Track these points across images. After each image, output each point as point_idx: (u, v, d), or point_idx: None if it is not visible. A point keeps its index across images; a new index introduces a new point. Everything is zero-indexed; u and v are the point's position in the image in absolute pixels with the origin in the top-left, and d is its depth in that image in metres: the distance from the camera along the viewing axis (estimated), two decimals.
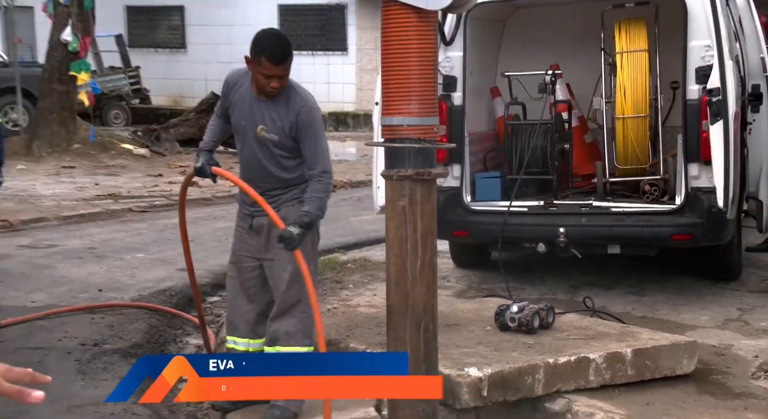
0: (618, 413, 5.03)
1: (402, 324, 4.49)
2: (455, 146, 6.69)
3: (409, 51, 4.44)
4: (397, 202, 4.51)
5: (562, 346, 5.54)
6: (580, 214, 7.30)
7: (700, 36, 6.84)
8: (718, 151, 6.60)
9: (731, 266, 7.75)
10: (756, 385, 5.51)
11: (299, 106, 4.96)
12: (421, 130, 4.45)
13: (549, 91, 7.73)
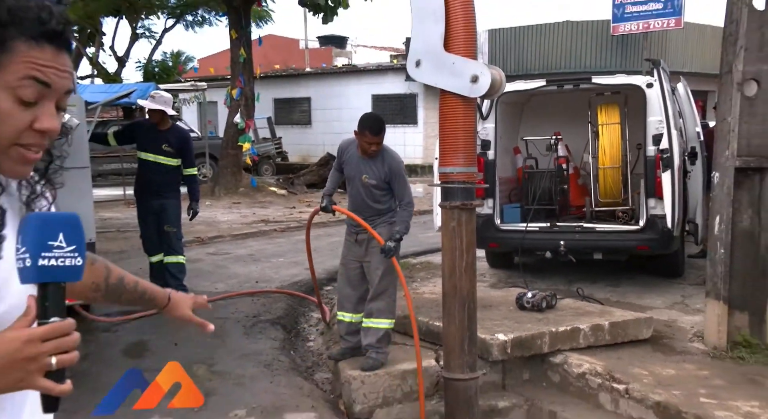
0: (598, 364, 5.04)
1: (452, 305, 4.46)
2: (489, 186, 6.84)
3: (457, 123, 4.45)
4: (449, 224, 4.52)
5: (561, 320, 5.54)
6: (574, 232, 7.22)
7: (654, 114, 6.80)
8: (667, 190, 6.61)
9: (677, 267, 7.69)
10: (692, 346, 5.51)
11: (389, 161, 5.06)
12: (465, 175, 4.47)
13: (553, 149, 7.72)
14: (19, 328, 1.02)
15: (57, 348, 1.01)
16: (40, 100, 1.11)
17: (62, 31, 1.12)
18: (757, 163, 5.28)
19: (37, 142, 1.13)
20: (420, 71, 4.40)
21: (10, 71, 1.08)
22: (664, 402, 4.39)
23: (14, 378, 1.00)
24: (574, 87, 7.36)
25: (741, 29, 5.25)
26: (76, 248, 1.04)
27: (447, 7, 4.30)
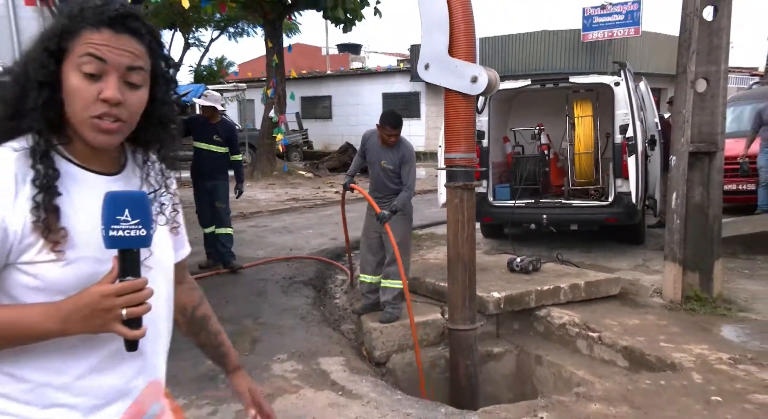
0: (576, 316, 5.02)
1: (456, 268, 4.45)
2: (484, 169, 6.76)
3: (459, 116, 4.38)
4: (453, 200, 4.48)
5: (545, 280, 5.47)
6: (555, 207, 7.13)
7: (621, 108, 6.67)
8: (632, 171, 6.52)
9: (639, 236, 7.59)
10: (653, 301, 5.46)
11: (404, 150, 5.05)
12: (466, 160, 4.42)
13: (537, 138, 7.61)
14: (102, 284, 1.06)
15: (127, 302, 1.05)
16: (102, 74, 1.12)
17: (118, 18, 1.13)
18: (706, 148, 5.21)
19: (106, 111, 1.12)
20: (429, 73, 4.35)
21: (76, 53, 1.11)
22: (630, 346, 4.39)
23: (97, 323, 1.06)
24: (554, 85, 7.25)
25: (693, 37, 5.15)
26: (139, 221, 1.07)
27: (451, 20, 4.26)
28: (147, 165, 1.32)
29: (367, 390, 3.80)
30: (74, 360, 1.16)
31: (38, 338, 1.09)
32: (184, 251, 1.46)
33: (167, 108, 1.29)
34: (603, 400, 3.58)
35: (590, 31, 20.12)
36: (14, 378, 1.13)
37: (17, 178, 1.11)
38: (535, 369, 4.83)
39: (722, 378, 3.78)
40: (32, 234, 1.10)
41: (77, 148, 1.20)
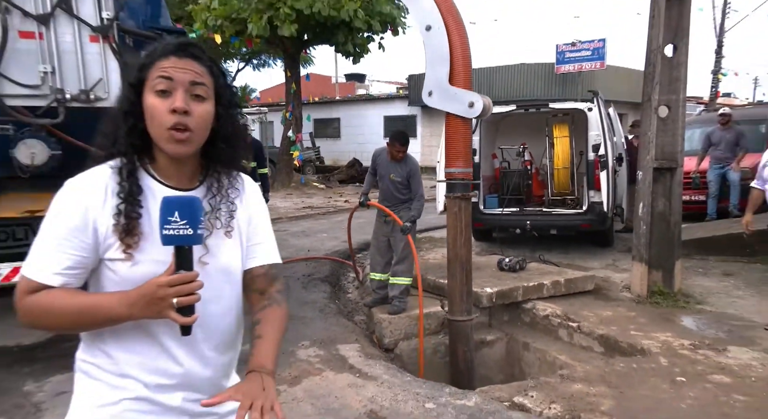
0: (557, 308, 4.99)
1: (455, 267, 4.46)
2: (477, 182, 6.63)
3: (458, 136, 4.36)
4: (452, 209, 4.47)
5: (530, 278, 5.44)
6: (537, 215, 7.11)
7: (593, 129, 6.68)
8: (604, 184, 6.51)
9: (609, 239, 7.51)
10: (622, 295, 5.40)
11: (410, 165, 5.02)
12: (464, 174, 4.40)
13: (521, 155, 7.60)
14: (159, 277, 1.11)
15: (178, 292, 1.09)
16: (171, 90, 1.18)
17: (181, 46, 1.22)
18: (668, 165, 5.21)
19: (177, 121, 1.17)
20: (432, 99, 4.36)
21: (150, 79, 1.19)
22: (605, 334, 4.37)
23: (154, 310, 1.11)
24: (537, 110, 7.26)
25: (657, 70, 5.17)
26: (187, 222, 1.10)
27: (451, 54, 4.29)
28: (212, 177, 1.34)
29: (381, 372, 3.78)
30: (148, 344, 1.23)
31: (112, 320, 1.15)
32: (255, 260, 1.37)
33: (231, 126, 1.32)
34: (584, 381, 3.56)
35: (562, 64, 20.22)
36: (104, 353, 1.23)
37: (107, 190, 1.20)
38: (522, 354, 4.81)
39: (685, 361, 3.77)
40: (112, 237, 1.18)
41: (160, 165, 1.27)
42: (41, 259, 1.16)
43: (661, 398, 3.27)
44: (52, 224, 1.17)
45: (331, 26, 14.21)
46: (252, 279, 1.37)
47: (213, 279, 1.26)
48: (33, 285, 1.15)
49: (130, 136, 1.21)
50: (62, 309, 1.14)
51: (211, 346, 1.30)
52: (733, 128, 8.53)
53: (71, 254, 1.16)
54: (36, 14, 3.75)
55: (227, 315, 1.33)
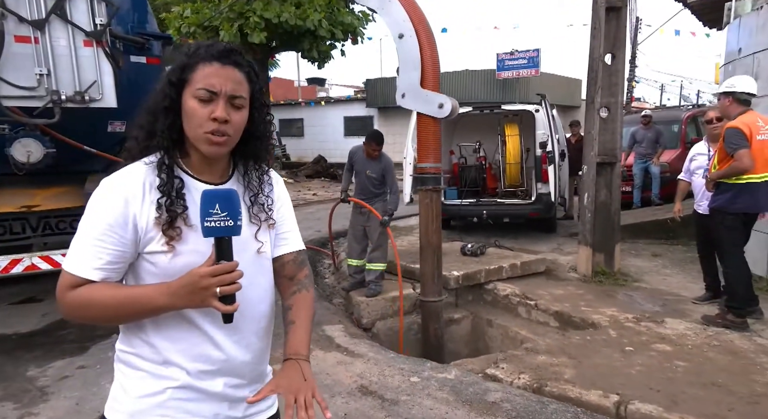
0: (516, 288, 5.07)
1: (427, 252, 4.49)
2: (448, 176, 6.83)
3: (428, 134, 4.34)
4: (424, 200, 4.47)
5: (490, 261, 5.49)
6: (491, 205, 7.13)
7: (540, 128, 6.77)
8: (551, 177, 6.64)
9: (553, 226, 7.63)
10: (569, 275, 5.51)
11: (385, 163, 4.92)
12: (435, 169, 4.37)
13: (477, 151, 7.64)
14: (202, 267, 1.04)
15: (221, 281, 1.03)
16: (212, 99, 1.11)
17: (224, 52, 1.14)
18: (608, 159, 5.35)
19: (216, 128, 1.11)
20: (405, 101, 4.32)
21: (193, 84, 1.12)
22: (560, 311, 4.46)
23: (198, 299, 1.05)
24: (490, 111, 7.31)
25: (599, 76, 5.28)
26: (228, 214, 1.04)
27: (422, 60, 4.24)
28: (248, 173, 1.28)
29: (366, 350, 3.74)
30: (189, 331, 1.16)
31: (154, 310, 1.09)
32: (284, 247, 1.33)
33: (263, 126, 1.26)
34: (546, 353, 3.63)
35: (503, 71, 20.52)
36: (146, 343, 1.16)
37: (145, 185, 1.12)
38: (486, 330, 4.86)
39: (631, 333, 3.89)
40: (153, 230, 1.11)
41: (193, 161, 1.20)
42: (81, 255, 1.09)
43: (614, 366, 3.36)
44: (92, 220, 1.09)
45: (298, 34, 13.94)
46: (282, 266, 1.33)
47: (253, 268, 1.22)
48: (74, 281, 1.08)
49: (170, 130, 1.15)
50: (104, 302, 1.08)
51: (251, 332, 1.24)
52: (653, 128, 8.87)
53: (111, 249, 1.09)
54: (31, 20, 3.55)
55: (264, 301, 1.27)
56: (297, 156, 24.91)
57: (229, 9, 12.77)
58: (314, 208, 10.93)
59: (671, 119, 10.32)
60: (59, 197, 4.07)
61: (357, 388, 3.14)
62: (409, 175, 6.43)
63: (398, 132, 22.27)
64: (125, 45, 4.17)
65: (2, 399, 2.98)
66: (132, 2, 4.39)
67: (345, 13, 14.33)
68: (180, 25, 13.50)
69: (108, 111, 3.89)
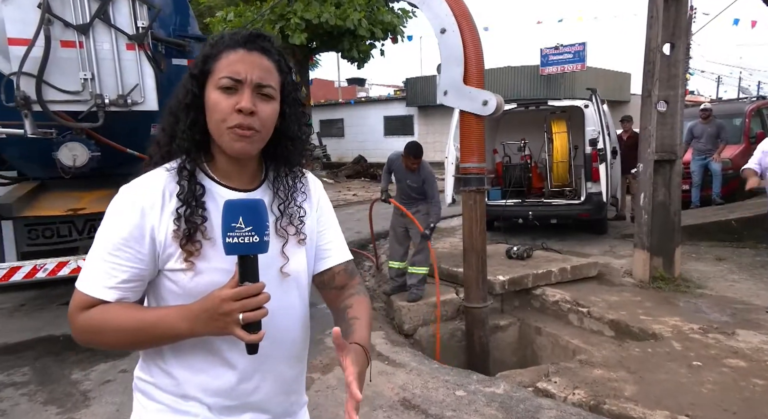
0: (566, 294, 4.79)
1: (471, 256, 4.31)
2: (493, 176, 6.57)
3: (472, 133, 4.15)
4: (468, 202, 4.30)
5: (538, 265, 5.24)
6: (537, 205, 6.85)
7: (590, 125, 6.43)
8: (603, 176, 6.30)
9: (603, 227, 7.27)
10: (624, 280, 5.17)
11: (425, 174, 4.73)
12: (478, 169, 4.17)
13: (522, 150, 7.35)
14: (223, 289, 0.89)
15: (243, 307, 0.88)
16: (238, 88, 0.97)
17: (250, 38, 1.01)
18: (667, 157, 4.99)
19: (241, 122, 0.97)
20: (447, 98, 4.14)
21: (216, 73, 0.98)
22: (615, 319, 4.17)
23: (217, 326, 0.90)
24: (536, 107, 7.02)
25: (656, 67, 4.93)
26: (252, 228, 0.89)
27: (465, 55, 4.06)
28: (278, 179, 1.12)
29: (408, 359, 3.58)
30: (212, 361, 1.02)
31: (173, 337, 0.96)
32: (331, 259, 1.18)
33: (296, 125, 1.11)
34: (603, 366, 3.37)
35: (546, 67, 19.94)
36: (164, 372, 1.04)
37: (164, 194, 1.00)
38: (535, 338, 4.61)
39: (698, 345, 3.57)
40: (172, 245, 0.98)
41: (219, 165, 1.05)
42: (94, 273, 0.96)
43: (681, 382, 3.07)
44: (106, 234, 0.97)
45: (338, 34, 13.93)
46: (332, 277, 1.18)
47: (282, 288, 1.06)
48: (87, 301, 0.96)
49: (192, 130, 1.01)
50: (118, 327, 0.95)
51: (280, 360, 1.09)
52: (713, 122, 8.30)
53: (126, 266, 0.96)
54: (76, 24, 3.58)
55: (296, 326, 1.12)
56: (337, 156, 25.06)
57: (271, 11, 12.88)
58: (354, 209, 10.86)
59: (733, 112, 9.64)
60: (104, 200, 4.10)
61: (399, 401, 2.98)
62: (451, 175, 6.21)
63: (438, 131, 22.08)
64: (167, 48, 4.17)
65: (47, 402, 2.99)
66: (174, 5, 4.40)
67: (385, 11, 14.22)
68: (224, 29, 13.71)
69: (150, 114, 3.89)
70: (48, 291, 5.19)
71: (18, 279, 3.57)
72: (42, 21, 3.48)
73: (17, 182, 4.51)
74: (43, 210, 3.91)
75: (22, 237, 3.81)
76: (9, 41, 3.48)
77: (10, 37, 3.48)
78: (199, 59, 1.02)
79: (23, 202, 3.88)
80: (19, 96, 3.48)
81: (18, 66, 3.45)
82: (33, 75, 3.49)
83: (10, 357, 3.70)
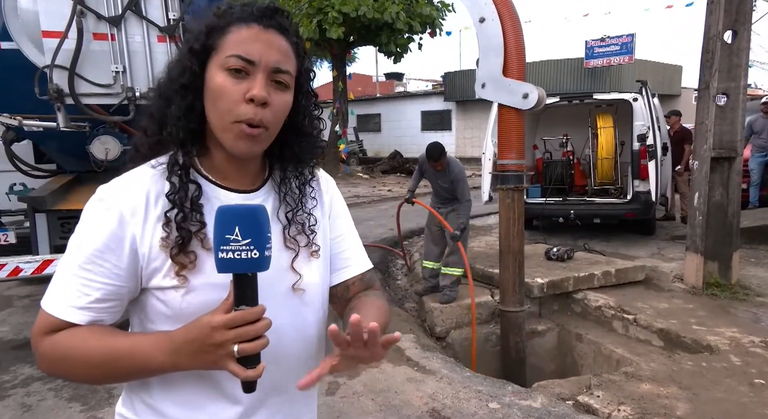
0: (610, 299, 4.50)
1: (507, 258, 4.07)
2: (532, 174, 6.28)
3: (511, 128, 3.91)
4: (505, 200, 4.06)
5: (580, 268, 4.96)
6: (580, 203, 6.51)
7: (639, 119, 6.06)
8: (652, 174, 5.93)
9: (651, 228, 6.88)
10: (674, 285, 4.84)
11: (454, 175, 4.53)
12: (517, 166, 3.95)
13: (563, 146, 7.01)
14: (214, 314, 0.73)
15: (239, 336, 0.72)
16: (249, 72, 0.81)
17: (267, 12, 0.84)
18: (726, 154, 4.61)
19: (251, 115, 0.80)
20: (485, 91, 3.91)
21: (223, 51, 0.81)
22: (665, 328, 3.87)
23: (207, 360, 0.74)
24: (580, 101, 6.66)
25: (716, 57, 4.55)
26: (251, 241, 0.72)
27: (505, 45, 3.82)
28: (286, 181, 0.95)
29: (439, 366, 3.40)
30: (209, 395, 0.85)
31: (153, 371, 0.79)
32: (348, 271, 1.02)
33: (309, 120, 0.94)
34: (651, 380, 3.10)
35: (591, 59, 19.18)
36: (151, 409, 0.87)
37: (149, 197, 0.83)
38: (575, 345, 4.35)
39: (760, 361, 3.25)
40: (158, 258, 0.81)
41: (215, 162, 0.88)
42: (63, 290, 0.80)
43: (741, 402, 2.78)
44: (78, 244, 0.81)
45: (375, 28, 13.82)
46: (346, 289, 1.01)
47: (292, 310, 0.90)
48: (53, 323, 0.80)
49: (188, 118, 0.84)
50: (87, 356, 0.78)
51: (292, 391, 0.91)
52: None
53: (100, 283, 0.80)
54: (108, 17, 3.55)
55: (309, 351, 0.95)
56: (374, 151, 24.98)
57: (309, 5, 12.86)
58: (388, 205, 10.73)
59: None
60: None
61: (428, 412, 2.82)
62: (488, 172, 5.95)
63: (477, 126, 21.65)
64: None
65: (71, 399, 2.98)
66: None
67: (423, 4, 13.98)
68: None
69: None
70: None
71: (51, 272, 3.59)
72: (74, 13, 3.46)
73: (55, 175, 4.57)
74: (76, 203, 3.92)
75: (56, 230, 3.83)
76: (43, 34, 3.48)
77: (44, 30, 3.48)
78: (201, 30, 0.84)
79: (57, 195, 3.90)
80: (52, 89, 3.49)
81: (51, 58, 3.44)
82: (66, 68, 3.48)
83: None
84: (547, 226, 6.94)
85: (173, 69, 0.86)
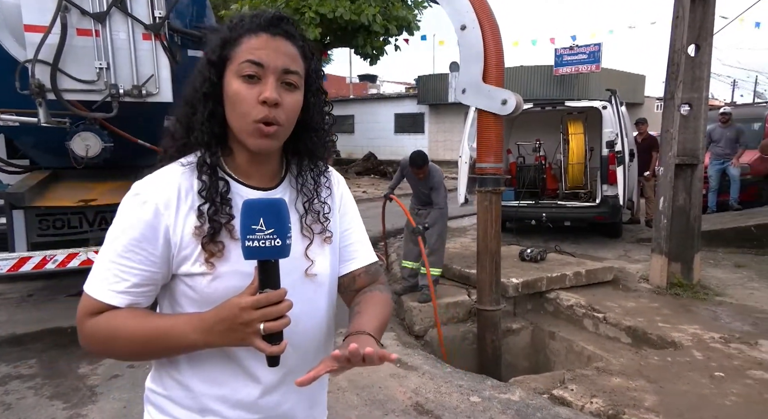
0: (581, 299, 4.67)
1: (484, 259, 4.19)
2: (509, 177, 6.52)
3: (490, 132, 4.04)
4: (483, 203, 4.18)
5: (552, 268, 5.13)
6: (552, 207, 6.73)
7: (608, 126, 6.30)
8: (620, 179, 6.17)
9: (618, 231, 7.15)
10: (641, 285, 5.06)
11: (433, 182, 4.67)
12: (495, 169, 4.06)
13: (536, 150, 7.22)
14: (241, 296, 0.82)
15: (265, 315, 0.81)
16: (261, 77, 0.89)
17: (274, 20, 0.92)
18: (689, 161, 4.87)
19: (266, 115, 0.89)
20: (465, 96, 4.03)
21: (236, 60, 0.90)
22: (633, 326, 4.06)
23: (236, 337, 0.83)
24: (552, 108, 6.88)
25: (680, 69, 4.80)
26: (274, 230, 0.81)
27: (485, 53, 3.95)
28: (302, 174, 1.04)
29: (421, 362, 3.50)
30: (232, 372, 0.94)
31: (186, 348, 0.89)
32: (354, 262, 1.10)
33: (319, 116, 1.03)
34: (621, 374, 3.27)
35: (560, 67, 19.72)
36: (179, 384, 0.96)
37: (180, 191, 0.92)
38: (548, 343, 4.51)
39: (719, 355, 3.46)
40: (189, 246, 0.90)
41: (238, 161, 0.98)
42: (104, 275, 0.89)
43: (703, 394, 2.97)
44: (116, 235, 0.90)
45: (352, 30, 13.85)
46: (352, 280, 1.10)
47: (307, 294, 0.99)
48: (95, 305, 0.89)
49: (211, 122, 0.93)
50: (128, 336, 0.87)
51: (304, 370, 0.98)
52: (733, 126, 8.15)
53: (137, 269, 0.89)
54: (93, 12, 3.52)
55: (321, 333, 1.05)
56: (347, 152, 24.98)
57: (285, 5, 12.82)
58: (364, 206, 10.71)
59: (752, 117, 9.47)
60: (115, 192, 4.06)
61: (412, 406, 2.90)
62: (465, 175, 6.09)
63: (450, 129, 21.94)
64: (183, 39, 4.10)
65: (53, 397, 2.95)
66: None
67: (399, 7, 14.11)
68: None
69: (164, 105, 3.82)
70: (56, 282, 5.15)
71: (27, 269, 3.53)
72: (59, 8, 3.42)
73: (29, 171, 4.47)
74: (55, 200, 3.86)
75: (33, 227, 3.76)
76: (25, 28, 3.43)
77: (27, 24, 3.43)
78: (216, 44, 0.93)
79: (35, 192, 3.84)
80: (33, 84, 3.43)
81: (33, 53, 3.39)
82: (48, 63, 3.44)
83: (17, 348, 3.66)
84: (520, 228, 7.14)
85: (195, 79, 0.95)
